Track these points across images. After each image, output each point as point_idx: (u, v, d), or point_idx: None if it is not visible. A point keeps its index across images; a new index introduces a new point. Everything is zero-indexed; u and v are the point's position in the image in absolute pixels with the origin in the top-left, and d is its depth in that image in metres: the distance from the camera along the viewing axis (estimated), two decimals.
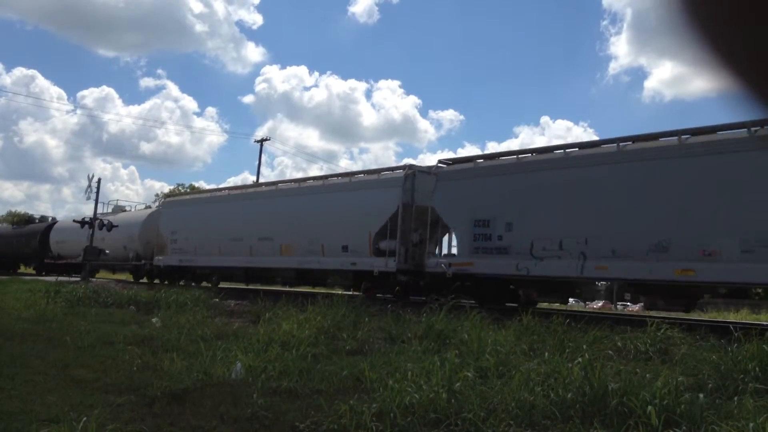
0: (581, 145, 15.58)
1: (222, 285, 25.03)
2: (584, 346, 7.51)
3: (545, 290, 16.62)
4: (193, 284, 23.93)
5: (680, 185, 12.49)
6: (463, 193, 16.55)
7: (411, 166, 18.56)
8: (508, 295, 16.89)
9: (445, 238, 18.59)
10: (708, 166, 12.14)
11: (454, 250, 17.78)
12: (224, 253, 23.56)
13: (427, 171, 18.26)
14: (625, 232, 13.11)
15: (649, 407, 4.88)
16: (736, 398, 5.41)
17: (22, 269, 41.26)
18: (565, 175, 14.43)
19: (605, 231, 13.42)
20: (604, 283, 23.28)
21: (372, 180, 19.54)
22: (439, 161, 18.18)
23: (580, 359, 6.17)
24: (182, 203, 28.52)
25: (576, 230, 13.91)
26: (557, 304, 18.10)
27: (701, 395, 5.29)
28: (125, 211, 33.50)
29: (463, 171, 17.07)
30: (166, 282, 25.69)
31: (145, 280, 28.12)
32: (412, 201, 17.93)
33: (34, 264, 39.33)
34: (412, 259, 17.81)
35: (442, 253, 18.23)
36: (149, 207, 34.68)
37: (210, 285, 24.49)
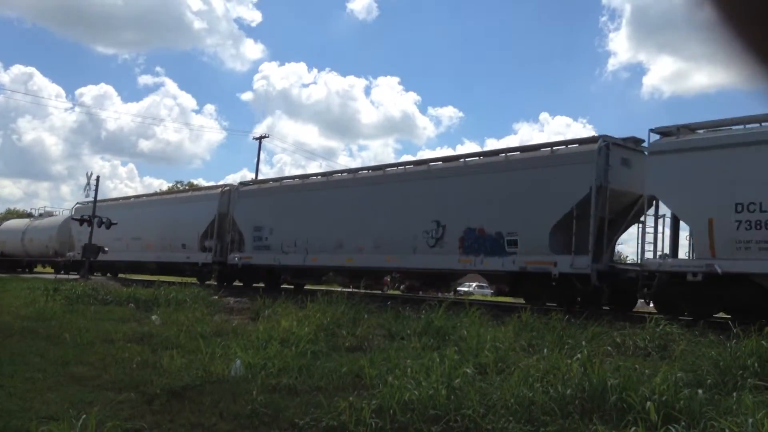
0: (323, 174, 23.03)
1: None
2: (583, 343, 7.52)
3: (295, 275, 23.53)
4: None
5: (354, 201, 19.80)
6: (248, 207, 23.77)
7: (227, 185, 25.90)
8: (276, 279, 23.75)
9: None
10: None
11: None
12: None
13: (235, 189, 24.92)
14: (323, 235, 20.45)
15: (649, 403, 4.88)
16: (735, 394, 5.41)
17: None
18: (301, 197, 21.93)
19: (316, 234, 20.68)
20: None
21: (198, 195, 27.82)
22: (240, 183, 26.02)
23: (579, 355, 6.19)
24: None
25: (303, 234, 21.12)
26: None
27: (700, 391, 5.30)
28: (52, 215, 39.14)
29: (249, 191, 24.54)
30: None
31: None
32: (227, 211, 24.50)
33: None
34: (221, 255, 24.27)
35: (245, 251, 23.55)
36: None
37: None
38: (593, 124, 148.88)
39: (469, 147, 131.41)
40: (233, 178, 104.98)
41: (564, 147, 15.31)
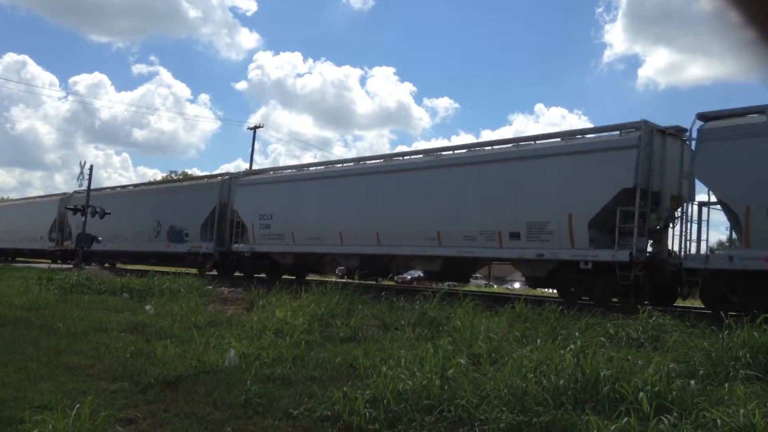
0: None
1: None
2: (576, 333, 7.53)
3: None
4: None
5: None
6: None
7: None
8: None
9: None
10: None
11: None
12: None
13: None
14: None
15: (641, 393, 4.91)
16: (727, 384, 5.45)
17: None
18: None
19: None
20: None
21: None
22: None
23: (572, 346, 6.20)
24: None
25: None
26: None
27: (692, 382, 5.33)
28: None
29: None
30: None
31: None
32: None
33: None
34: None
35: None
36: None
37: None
38: (588, 115, 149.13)
39: (464, 138, 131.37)
40: (227, 168, 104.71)
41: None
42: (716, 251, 12.95)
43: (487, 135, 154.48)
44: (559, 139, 15.14)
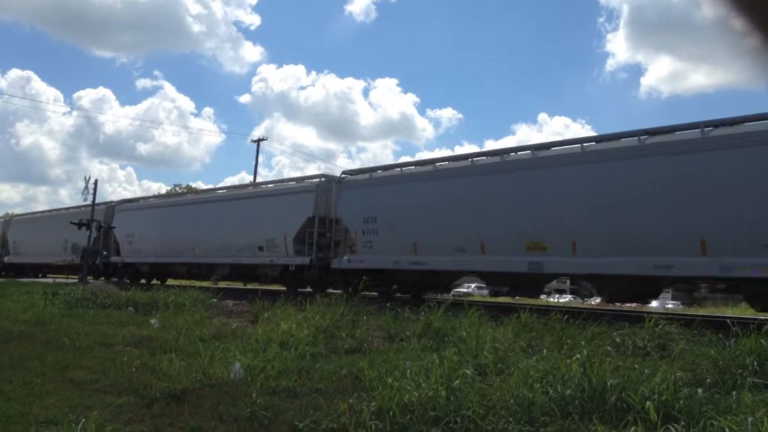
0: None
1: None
2: (582, 343, 7.51)
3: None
4: None
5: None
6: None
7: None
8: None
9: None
10: None
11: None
12: None
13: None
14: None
15: (648, 403, 4.89)
16: (734, 393, 5.41)
17: None
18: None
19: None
20: None
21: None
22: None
23: (578, 355, 6.18)
24: None
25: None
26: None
27: (700, 390, 5.30)
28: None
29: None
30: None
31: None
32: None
33: None
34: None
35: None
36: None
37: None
38: (592, 124, 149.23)
39: (468, 148, 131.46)
40: (232, 181, 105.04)
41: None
42: (343, 258, 18.81)
43: (490, 145, 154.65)
44: (273, 185, 24.34)
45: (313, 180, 21.73)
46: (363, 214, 18.56)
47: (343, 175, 20.56)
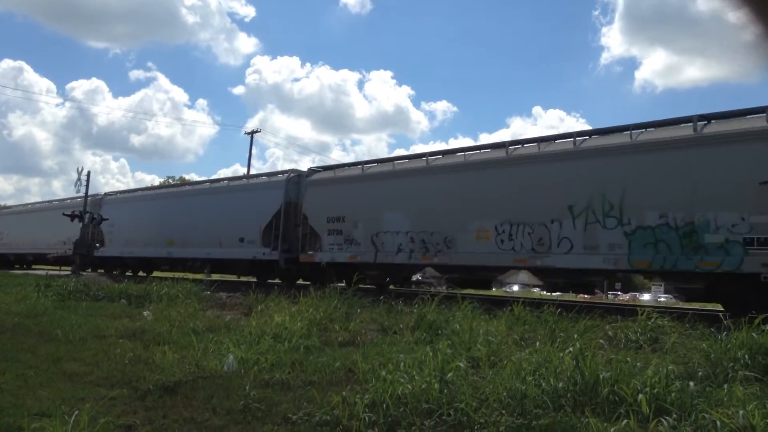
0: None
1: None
2: (575, 336, 7.54)
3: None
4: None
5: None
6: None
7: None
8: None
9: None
10: None
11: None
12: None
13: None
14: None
15: (640, 395, 4.91)
16: (726, 386, 5.45)
17: None
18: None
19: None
20: None
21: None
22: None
23: (571, 348, 6.20)
24: None
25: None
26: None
27: (691, 383, 5.33)
28: None
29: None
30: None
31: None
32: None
33: None
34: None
35: None
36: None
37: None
38: (586, 118, 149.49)
39: (462, 141, 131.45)
40: (225, 173, 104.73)
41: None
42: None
43: (484, 138, 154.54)
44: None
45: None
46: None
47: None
